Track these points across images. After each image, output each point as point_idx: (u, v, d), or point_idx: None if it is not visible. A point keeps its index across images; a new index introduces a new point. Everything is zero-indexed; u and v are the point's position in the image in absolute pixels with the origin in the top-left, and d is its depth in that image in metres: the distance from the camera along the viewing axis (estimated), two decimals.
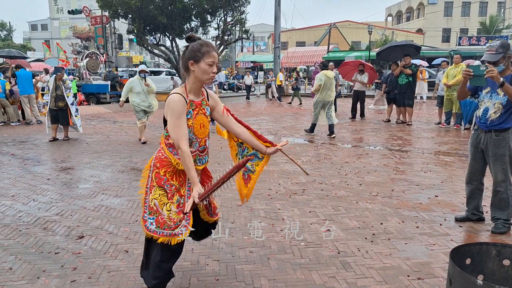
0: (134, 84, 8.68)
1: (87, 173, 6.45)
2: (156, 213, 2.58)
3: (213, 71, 2.52)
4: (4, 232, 4.07)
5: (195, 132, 2.59)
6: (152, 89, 8.82)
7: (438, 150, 7.96)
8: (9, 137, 10.04)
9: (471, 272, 2.17)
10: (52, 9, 71.33)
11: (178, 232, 2.56)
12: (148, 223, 2.61)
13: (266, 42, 62.34)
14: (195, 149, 2.63)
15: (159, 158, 2.62)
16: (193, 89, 2.59)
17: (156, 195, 2.58)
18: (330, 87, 9.43)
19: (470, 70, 3.75)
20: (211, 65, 2.50)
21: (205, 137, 2.68)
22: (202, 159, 2.71)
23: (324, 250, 3.62)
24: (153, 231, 2.59)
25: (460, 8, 48.06)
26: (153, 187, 2.60)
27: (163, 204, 2.57)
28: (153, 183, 2.61)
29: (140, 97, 8.69)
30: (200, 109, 2.61)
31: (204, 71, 2.50)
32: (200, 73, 2.51)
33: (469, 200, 4.25)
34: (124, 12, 22.43)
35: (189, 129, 2.55)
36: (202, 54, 2.48)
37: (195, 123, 2.58)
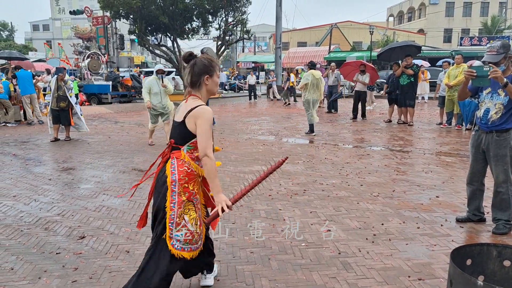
0: (152, 84, 8.29)
1: (89, 174, 6.46)
2: (184, 228, 2.58)
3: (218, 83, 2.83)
4: (5, 233, 4.08)
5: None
6: (169, 90, 8.39)
7: (439, 151, 7.95)
8: (11, 137, 10.06)
9: (472, 273, 2.17)
10: (53, 9, 71.41)
11: (199, 245, 2.68)
12: (174, 240, 2.59)
13: (268, 42, 62.32)
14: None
15: (186, 172, 2.60)
16: (206, 100, 2.77)
17: (187, 210, 2.60)
18: (318, 86, 9.59)
19: (472, 71, 3.74)
20: (218, 77, 2.77)
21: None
22: None
23: (325, 250, 3.63)
24: (180, 248, 2.59)
25: (461, 8, 47.99)
26: (183, 202, 2.59)
27: (193, 219, 2.61)
28: (181, 198, 2.59)
29: (157, 98, 8.30)
30: None
31: (216, 83, 2.74)
32: (213, 85, 2.72)
33: (470, 200, 4.25)
34: (126, 12, 22.45)
35: None
36: (214, 68, 2.69)
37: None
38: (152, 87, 8.26)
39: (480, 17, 47.20)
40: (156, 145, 8.79)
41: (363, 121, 12.70)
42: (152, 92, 8.26)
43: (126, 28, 27.61)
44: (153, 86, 8.26)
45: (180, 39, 24.88)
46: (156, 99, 8.29)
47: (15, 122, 12.49)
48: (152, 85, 8.27)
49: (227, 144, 8.74)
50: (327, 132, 10.53)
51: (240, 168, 6.65)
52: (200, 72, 2.65)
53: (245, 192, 2.60)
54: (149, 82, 8.39)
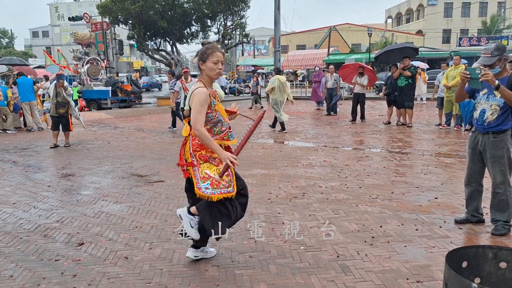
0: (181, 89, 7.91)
1: (88, 180, 6.47)
2: (209, 179, 3.07)
3: (219, 67, 3.13)
4: (5, 240, 4.09)
5: (222, 115, 3.21)
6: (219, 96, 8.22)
7: (438, 152, 7.95)
8: (10, 144, 10.08)
9: (468, 275, 2.18)
10: (53, 16, 71.61)
11: (231, 190, 3.10)
12: (203, 189, 3.06)
13: (267, 45, 62.47)
14: (226, 128, 3.23)
15: (197, 144, 3.12)
16: (208, 83, 3.20)
17: (205, 167, 3.11)
18: (283, 89, 10.71)
19: (467, 73, 3.76)
20: (215, 63, 3.10)
21: (226, 117, 3.31)
22: (231, 134, 3.30)
23: (323, 253, 3.63)
24: (210, 193, 3.04)
25: (460, 8, 48.05)
26: (200, 164, 3.12)
27: (214, 170, 3.09)
28: (199, 162, 3.12)
29: None
30: (216, 97, 3.21)
31: (211, 68, 3.12)
32: (208, 70, 3.13)
33: (469, 202, 4.25)
34: (124, 18, 22.54)
35: (218, 112, 3.17)
36: (207, 55, 3.11)
37: (219, 108, 3.20)
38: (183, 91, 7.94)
39: (478, 17, 47.25)
40: (156, 149, 8.80)
41: (362, 123, 12.71)
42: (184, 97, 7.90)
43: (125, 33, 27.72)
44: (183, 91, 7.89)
45: (179, 43, 24.96)
46: None
47: (15, 129, 12.53)
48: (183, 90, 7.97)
49: None
50: (326, 134, 10.54)
51: (239, 172, 6.60)
52: (198, 58, 3.17)
53: (241, 146, 3.13)
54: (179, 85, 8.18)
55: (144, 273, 3.35)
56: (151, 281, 3.21)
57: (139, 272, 3.36)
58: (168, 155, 8.28)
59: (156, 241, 3.96)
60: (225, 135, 3.21)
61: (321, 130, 11.25)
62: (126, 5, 21.14)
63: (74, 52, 24.53)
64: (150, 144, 9.72)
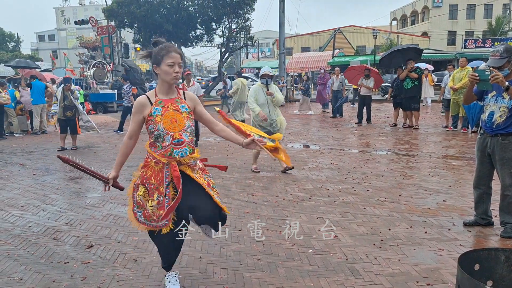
0: (258, 93, 6.66)
1: (95, 182, 6.49)
2: (142, 208, 2.86)
3: (175, 71, 2.71)
4: (14, 243, 4.12)
5: (165, 127, 2.75)
6: (277, 100, 6.62)
7: (445, 154, 7.92)
8: (18, 147, 10.15)
9: (480, 278, 2.16)
10: (59, 20, 72.24)
11: (161, 225, 2.81)
12: (138, 215, 2.89)
13: (271, 48, 62.52)
14: (168, 143, 2.76)
15: (145, 160, 2.92)
16: (162, 89, 2.82)
17: (141, 192, 2.86)
18: (244, 91, 11.32)
19: (476, 75, 3.75)
20: (171, 65, 2.70)
21: (179, 130, 2.78)
22: (179, 151, 2.79)
23: (332, 257, 3.62)
24: (142, 222, 2.88)
25: (465, 10, 47.86)
26: (139, 185, 2.89)
27: (146, 201, 2.83)
28: (139, 181, 2.90)
29: (264, 111, 6.61)
30: (172, 106, 2.78)
31: (165, 72, 2.71)
32: (163, 74, 2.74)
33: (478, 204, 4.23)
34: (130, 21, 22.67)
35: (159, 124, 2.74)
36: (161, 57, 2.70)
37: (164, 119, 2.75)
38: (258, 96, 6.66)
39: (484, 19, 47.05)
40: None
41: (368, 125, 12.68)
42: (258, 103, 6.65)
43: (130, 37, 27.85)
44: (259, 96, 6.64)
45: (185, 46, 25.05)
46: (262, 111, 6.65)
47: (22, 132, 12.61)
48: (258, 94, 6.66)
49: (232, 150, 8.74)
50: (333, 137, 10.53)
51: (245, 175, 6.66)
52: (152, 62, 2.79)
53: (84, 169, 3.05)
54: (254, 90, 6.77)
55: (153, 275, 3.36)
56: (160, 284, 3.21)
57: (148, 275, 3.37)
58: None
59: None
60: (166, 151, 2.75)
61: (327, 133, 11.24)
62: (132, 8, 21.29)
63: (80, 56, 24.68)
64: None
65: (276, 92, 6.68)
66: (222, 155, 8.06)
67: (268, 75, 6.63)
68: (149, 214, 2.82)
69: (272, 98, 6.57)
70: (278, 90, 6.84)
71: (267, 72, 6.67)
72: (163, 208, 2.75)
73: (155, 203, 2.78)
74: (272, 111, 6.65)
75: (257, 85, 6.81)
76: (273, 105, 6.65)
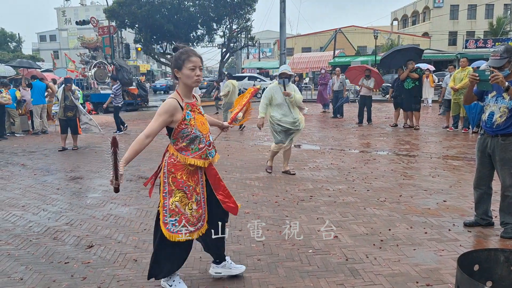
0: (275, 93, 6.44)
1: (96, 182, 6.51)
2: (178, 214, 2.80)
3: (197, 74, 2.78)
4: (15, 243, 4.12)
5: (200, 129, 2.85)
6: (295, 100, 6.41)
7: (446, 155, 7.91)
8: (19, 147, 10.16)
9: (480, 279, 2.17)
10: (60, 20, 72.34)
11: (198, 227, 2.84)
12: (169, 225, 2.81)
13: (272, 48, 62.52)
14: (204, 145, 2.88)
15: (172, 164, 2.84)
16: (184, 93, 2.86)
17: (177, 197, 2.81)
18: (235, 93, 11.94)
19: (476, 75, 3.75)
20: (192, 69, 2.76)
21: (207, 132, 2.95)
22: (211, 152, 2.96)
23: (332, 257, 3.62)
24: (175, 232, 2.80)
25: (466, 11, 47.83)
26: (173, 191, 2.83)
27: (185, 205, 2.81)
28: (171, 187, 2.83)
29: (282, 111, 6.42)
30: (196, 109, 2.90)
31: (187, 75, 2.77)
32: (185, 78, 2.79)
33: (478, 205, 4.23)
34: (131, 22, 22.70)
35: (194, 127, 2.82)
36: (183, 61, 2.77)
37: (197, 122, 2.85)
38: (274, 96, 6.46)
39: (485, 19, 47.00)
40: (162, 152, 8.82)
41: (369, 125, 12.68)
42: (275, 103, 6.45)
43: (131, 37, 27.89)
44: (276, 95, 6.45)
45: None
46: (280, 111, 6.45)
47: (23, 132, 12.63)
48: (275, 94, 6.46)
49: (233, 150, 8.75)
50: (333, 137, 10.53)
51: (246, 175, 6.66)
52: (172, 66, 2.85)
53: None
54: (270, 90, 6.53)
55: None
56: (160, 284, 3.21)
57: None
58: None
59: None
60: (203, 153, 2.86)
61: (328, 133, 11.24)
62: (133, 9, 21.32)
63: (81, 56, 24.70)
64: (157, 147, 9.73)
65: (294, 91, 6.43)
66: (222, 155, 8.06)
67: (286, 74, 6.39)
68: (187, 218, 2.81)
69: (290, 98, 6.34)
70: (297, 90, 6.59)
71: (285, 71, 6.43)
72: (201, 208, 2.85)
73: (194, 205, 2.82)
74: (292, 110, 6.44)
75: (274, 84, 6.59)
76: (292, 105, 6.42)
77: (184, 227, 2.80)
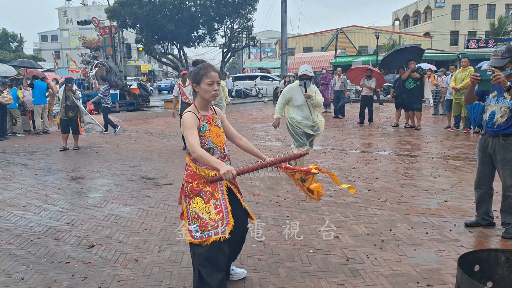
0: (295, 93, 6.22)
1: (97, 182, 6.52)
2: (198, 220, 2.80)
3: (214, 89, 2.84)
4: (16, 242, 4.13)
5: (214, 141, 2.89)
6: (316, 102, 6.22)
7: (447, 155, 7.90)
8: (20, 147, 10.18)
9: (480, 279, 2.16)
10: (61, 20, 72.47)
11: (220, 231, 2.76)
12: (194, 232, 2.80)
13: (273, 48, 62.50)
14: (217, 157, 2.89)
15: (189, 175, 2.88)
16: (201, 106, 2.92)
17: (195, 204, 2.83)
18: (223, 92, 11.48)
19: (477, 75, 3.74)
20: (210, 84, 2.82)
21: (222, 145, 2.98)
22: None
23: (333, 257, 3.62)
24: (199, 238, 2.77)
25: (467, 11, 47.76)
26: (191, 199, 2.86)
27: (202, 209, 2.80)
28: (190, 196, 2.87)
29: (303, 113, 6.20)
30: (213, 121, 2.93)
31: (205, 90, 2.83)
32: (202, 92, 2.85)
33: (479, 205, 4.22)
34: (132, 22, 22.72)
35: (208, 139, 2.86)
36: (201, 76, 2.83)
37: (212, 134, 2.89)
38: (295, 97, 6.21)
39: (486, 19, 46.94)
40: (164, 152, 8.84)
41: (370, 125, 12.67)
42: (295, 104, 6.22)
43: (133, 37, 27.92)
44: (296, 96, 6.21)
45: (186, 47, 25.11)
46: (300, 113, 6.22)
47: (24, 132, 12.66)
48: (295, 94, 6.22)
49: (234, 150, 8.73)
50: (334, 137, 10.52)
51: (246, 175, 6.62)
52: (191, 80, 2.90)
53: (251, 169, 2.79)
54: (289, 90, 6.31)
55: (154, 275, 3.36)
56: (161, 284, 3.22)
57: (149, 275, 3.38)
58: (176, 157, 8.32)
59: (166, 244, 3.98)
60: None
61: (329, 133, 11.23)
62: (134, 9, 21.35)
63: (83, 56, 24.75)
64: (158, 147, 9.76)
65: (316, 93, 6.20)
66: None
67: (307, 76, 6.13)
68: (206, 222, 2.76)
69: (311, 100, 6.14)
70: (317, 91, 6.32)
71: (306, 72, 6.13)
72: (222, 212, 2.81)
73: (212, 208, 2.80)
74: (313, 112, 6.22)
75: (294, 84, 6.33)
76: (312, 107, 6.22)
77: (207, 232, 2.76)
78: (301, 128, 6.22)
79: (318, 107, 6.34)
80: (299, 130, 6.22)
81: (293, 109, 6.24)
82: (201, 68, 2.87)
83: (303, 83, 6.12)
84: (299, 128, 6.22)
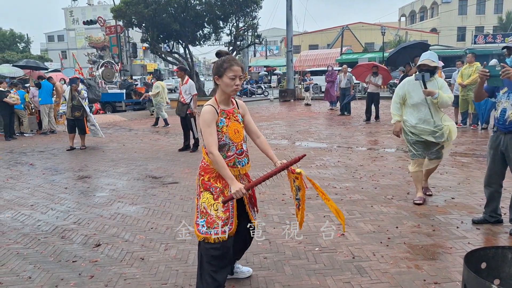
0: (411, 89, 4.81)
1: (104, 182, 6.55)
2: (206, 215, 2.77)
3: (236, 83, 2.75)
4: (23, 241, 4.16)
5: (230, 137, 2.81)
6: (441, 101, 4.61)
7: (454, 151, 7.84)
8: (28, 147, 10.25)
9: (487, 277, 2.14)
10: (68, 20, 72.85)
11: (226, 230, 2.74)
12: (200, 226, 2.79)
13: (279, 46, 62.42)
14: (233, 153, 2.83)
15: (203, 167, 2.86)
16: (222, 100, 2.84)
17: (204, 198, 2.79)
18: (163, 93, 13.51)
19: (486, 71, 3.69)
20: (233, 78, 2.73)
21: (240, 141, 2.88)
22: (241, 161, 2.90)
23: (338, 255, 3.61)
24: (204, 233, 2.75)
25: (475, 6, 47.33)
26: (201, 193, 2.83)
27: (211, 205, 2.77)
28: (200, 189, 2.84)
29: (420, 114, 4.75)
30: (232, 116, 2.85)
31: (227, 84, 2.75)
32: (224, 86, 2.77)
33: (489, 203, 4.17)
34: (138, 21, 22.76)
35: (225, 135, 2.78)
36: (224, 69, 2.74)
37: (229, 129, 2.81)
38: (410, 93, 4.82)
39: (494, 14, 46.49)
40: (170, 152, 8.86)
41: (376, 123, 12.61)
42: (411, 103, 4.82)
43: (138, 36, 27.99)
44: (413, 93, 4.79)
45: (192, 45, 25.09)
46: (416, 114, 4.80)
47: (31, 132, 12.75)
48: (411, 91, 4.81)
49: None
50: (340, 134, 10.48)
51: (252, 173, 6.63)
52: (214, 72, 2.83)
53: (259, 182, 2.74)
54: (404, 85, 4.92)
55: (160, 274, 3.37)
56: (167, 282, 3.23)
57: (155, 273, 3.39)
58: (182, 156, 8.33)
59: (172, 242, 3.99)
60: (230, 161, 2.80)
61: (335, 131, 11.19)
62: (140, 8, 21.36)
63: (89, 56, 24.85)
64: (164, 146, 9.78)
65: (441, 89, 4.63)
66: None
67: (427, 66, 4.66)
68: (213, 219, 2.73)
69: (433, 98, 4.62)
70: (445, 86, 4.72)
71: (427, 61, 4.67)
72: (229, 211, 2.78)
73: (220, 206, 2.76)
74: (435, 114, 4.70)
75: (412, 78, 4.85)
76: (435, 108, 4.71)
77: (213, 229, 2.73)
78: (417, 133, 4.80)
79: (445, 107, 4.77)
80: (412, 138, 4.86)
81: (408, 109, 4.88)
82: (224, 61, 2.77)
83: (421, 76, 4.66)
84: (413, 134, 4.85)
